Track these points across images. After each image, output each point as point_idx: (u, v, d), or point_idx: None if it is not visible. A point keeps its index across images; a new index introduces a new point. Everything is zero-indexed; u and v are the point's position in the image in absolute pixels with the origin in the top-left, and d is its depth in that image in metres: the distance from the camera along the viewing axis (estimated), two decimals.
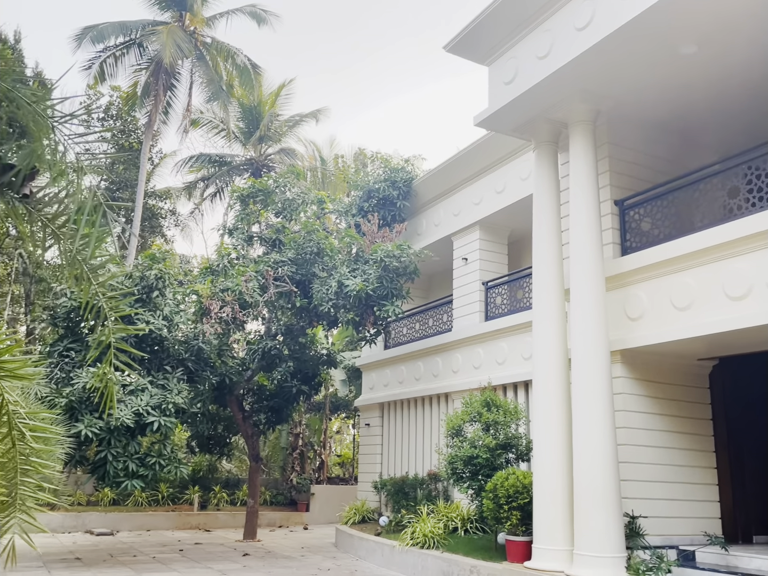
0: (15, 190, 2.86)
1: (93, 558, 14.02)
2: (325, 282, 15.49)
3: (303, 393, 18.60)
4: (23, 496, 3.14)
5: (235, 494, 22.83)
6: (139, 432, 13.78)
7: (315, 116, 30.54)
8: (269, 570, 12.75)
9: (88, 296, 3.21)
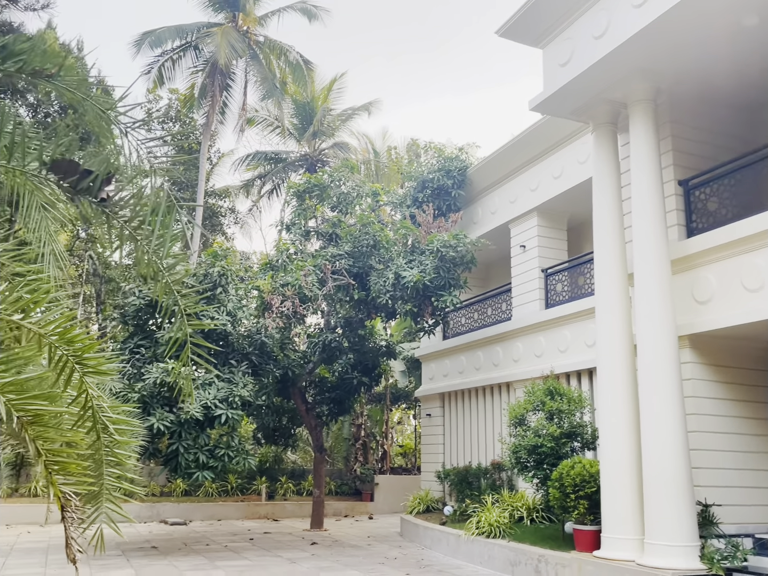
0: (93, 195, 2.98)
1: (168, 547, 14.51)
2: (382, 274, 15.55)
3: (363, 384, 18.76)
4: (109, 487, 3.28)
5: (300, 485, 23.22)
6: (207, 425, 14.16)
7: (367, 109, 30.59)
8: (337, 558, 12.93)
9: (163, 294, 3.32)
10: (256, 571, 11.56)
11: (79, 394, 3.35)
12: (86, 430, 3.30)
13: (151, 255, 3.14)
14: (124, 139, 3.12)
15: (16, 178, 3.16)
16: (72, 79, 3.08)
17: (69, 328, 3.26)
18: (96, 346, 3.34)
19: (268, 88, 27.47)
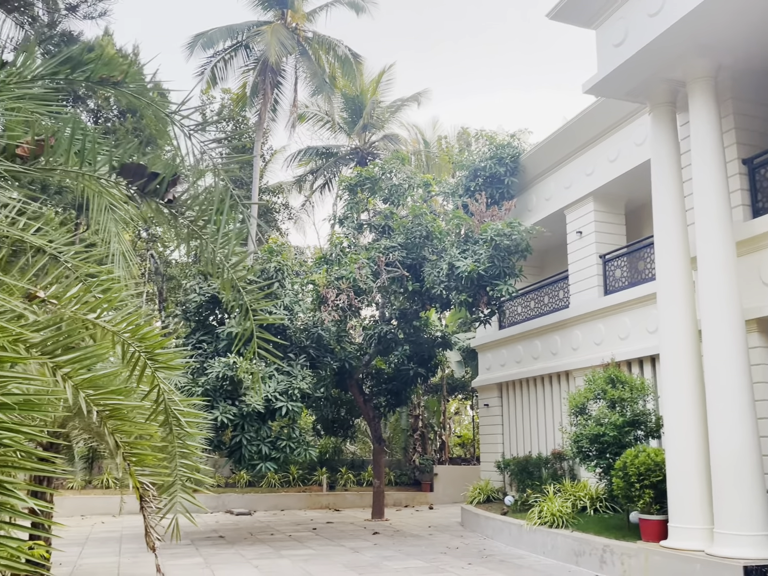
0: (160, 197, 3.08)
1: (235, 536, 14.90)
2: (436, 265, 15.53)
3: (420, 375, 18.80)
4: (182, 478, 3.40)
5: (360, 475, 23.46)
6: (269, 417, 14.46)
7: (416, 99, 30.48)
8: (399, 548, 13.04)
9: (228, 291, 3.41)
10: (320, 560, 11.76)
11: (151, 389, 3.49)
12: (159, 424, 3.43)
13: (216, 253, 3.24)
14: (187, 141, 3.22)
15: (85, 183, 3.30)
16: (136, 85, 3.20)
17: (140, 325, 3.39)
18: (166, 342, 3.46)
19: (317, 83, 27.67)
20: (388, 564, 11.34)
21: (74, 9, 12.14)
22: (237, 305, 3.49)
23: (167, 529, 3.26)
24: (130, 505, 14.03)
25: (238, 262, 3.41)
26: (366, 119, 29.37)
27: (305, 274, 18.09)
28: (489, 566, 11.10)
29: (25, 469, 2.11)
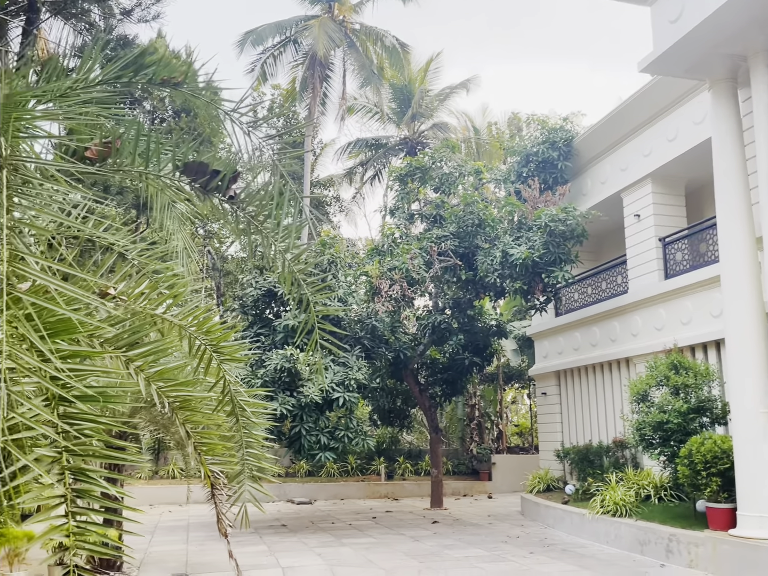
0: (222, 193, 3.17)
1: (296, 525, 15.19)
2: (489, 253, 15.41)
3: (475, 365, 18.72)
4: (250, 467, 3.51)
5: (418, 464, 23.55)
6: (326, 407, 14.66)
7: (465, 86, 30.22)
8: (459, 537, 13.07)
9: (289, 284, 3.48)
10: (381, 548, 11.88)
11: (217, 380, 3.60)
12: (226, 414, 3.54)
13: (276, 246, 3.31)
14: (246, 138, 3.30)
15: (149, 182, 3.41)
16: (194, 85, 3.29)
17: (205, 319, 3.50)
18: (230, 335, 3.56)
19: (366, 75, 27.72)
20: (449, 552, 11.38)
21: (129, 13, 12.50)
22: (296, 298, 3.56)
23: (236, 517, 3.36)
24: (196, 495, 14.48)
25: (298, 255, 3.47)
26: (415, 108, 29.28)
27: (358, 266, 18.20)
28: (551, 555, 11.02)
29: (103, 458, 2.22)
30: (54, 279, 1.74)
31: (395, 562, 10.65)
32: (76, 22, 12.51)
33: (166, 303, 3.44)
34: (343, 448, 14.81)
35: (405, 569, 10.10)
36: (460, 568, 10.12)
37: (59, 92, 2.90)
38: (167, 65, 3.09)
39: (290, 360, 14.24)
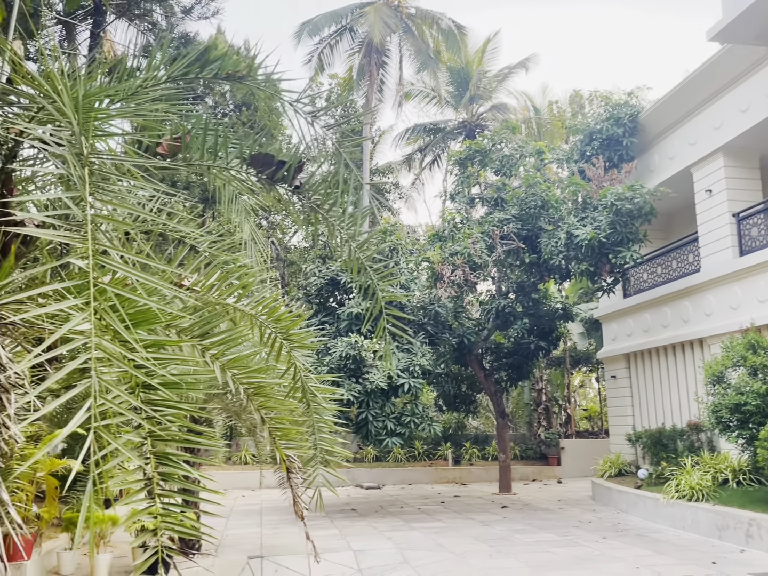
0: (288, 183, 3.22)
1: (366, 509, 15.39)
2: (553, 235, 15.13)
3: (541, 349, 18.47)
4: (322, 451, 3.57)
5: (485, 449, 23.46)
6: (392, 393, 14.76)
7: (524, 66, 29.64)
8: (529, 521, 12.98)
9: (356, 271, 3.52)
10: (451, 532, 11.92)
11: (288, 367, 3.67)
12: (297, 400, 3.61)
13: (342, 234, 3.34)
14: (309, 128, 3.33)
15: (217, 176, 3.49)
16: (257, 78, 3.34)
17: (275, 308, 3.58)
18: (300, 323, 3.63)
19: (422, 59, 27.53)
20: (519, 537, 11.32)
21: (189, 11, 12.77)
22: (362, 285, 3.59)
23: (311, 500, 3.43)
24: (267, 480, 14.83)
25: (364, 243, 3.50)
26: (473, 91, 28.91)
27: (419, 253, 18.17)
28: (625, 540, 10.82)
29: (184, 443, 2.30)
30: (135, 270, 1.81)
31: (465, 546, 10.67)
32: (140, 22, 12.87)
33: (237, 293, 3.53)
34: (409, 433, 14.90)
35: (476, 553, 10.11)
36: (532, 553, 10.05)
37: (130, 91, 3.00)
38: (231, 60, 3.15)
39: (355, 347, 14.38)
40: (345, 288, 16.99)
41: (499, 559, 9.72)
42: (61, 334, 2.38)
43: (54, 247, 3.06)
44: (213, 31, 17.98)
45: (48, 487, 8.90)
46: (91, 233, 1.66)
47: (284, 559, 9.98)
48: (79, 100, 1.99)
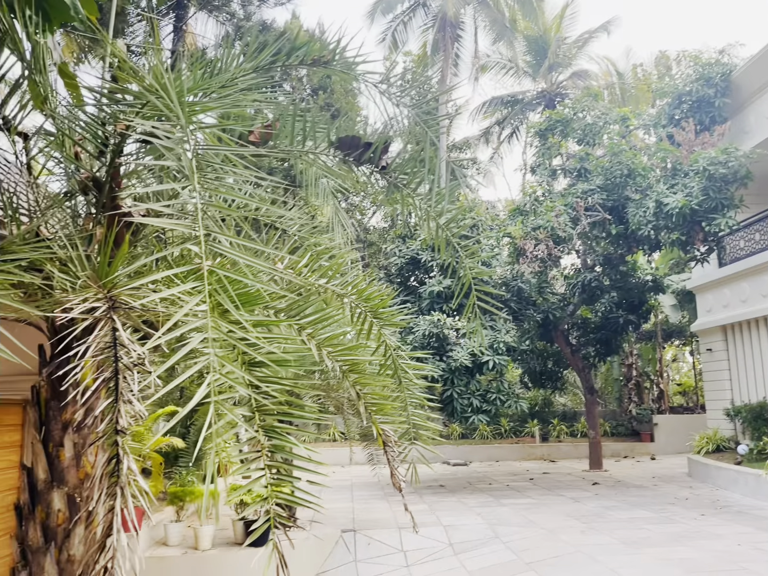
0: (375, 164, 3.28)
1: (454, 485, 15.53)
2: (641, 204, 14.60)
3: (631, 323, 17.97)
4: (416, 426, 3.66)
5: (573, 426, 23.12)
6: (476, 371, 14.75)
7: (605, 29, 28.51)
8: (622, 498, 12.75)
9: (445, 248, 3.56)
10: (541, 509, 11.88)
11: (379, 345, 3.77)
12: (389, 376, 3.71)
13: (430, 211, 3.39)
14: (392, 108, 3.38)
15: (305, 160, 3.60)
16: (342, 61, 3.40)
17: (364, 287, 3.67)
18: (388, 302, 3.71)
19: (498, 30, 26.96)
20: (612, 514, 11.16)
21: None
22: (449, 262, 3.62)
23: (405, 474, 3.53)
24: (357, 457, 15.20)
25: (451, 219, 3.53)
26: (551, 59, 28.09)
27: (500, 228, 17.96)
28: (724, 517, 10.48)
29: (290, 417, 2.42)
30: (240, 254, 1.92)
31: (556, 522, 10.61)
32: (218, 13, 13.21)
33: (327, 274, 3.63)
34: (495, 410, 14.87)
35: (567, 529, 10.05)
36: (626, 530, 9.90)
37: (221, 83, 3.12)
38: (316, 47, 3.23)
39: (437, 325, 14.44)
40: (425, 267, 17.02)
41: (592, 535, 9.63)
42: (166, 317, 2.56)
43: (158, 235, 3.25)
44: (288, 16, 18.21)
45: (154, 464, 9.46)
46: (201, 220, 1.77)
47: (376, 533, 10.24)
48: (183, 94, 2.11)
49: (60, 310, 2.16)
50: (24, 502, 2.87)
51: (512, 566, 8.45)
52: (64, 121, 2.93)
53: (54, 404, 2.92)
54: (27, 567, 2.84)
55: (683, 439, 18.58)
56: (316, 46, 3.26)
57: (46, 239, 2.46)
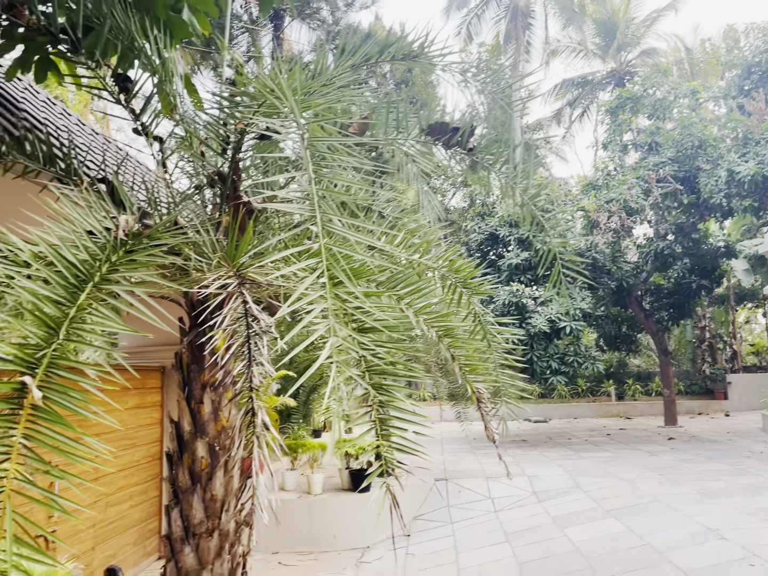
0: (463, 147, 3.26)
1: (536, 440, 15.36)
2: (712, 173, 13.75)
3: (703, 287, 17.06)
4: (505, 385, 3.65)
5: (648, 386, 22.30)
6: (554, 336, 14.45)
7: (673, 7, 26.77)
8: (697, 452, 12.24)
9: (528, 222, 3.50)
10: (619, 461, 11.58)
11: (468, 312, 3.77)
12: (478, 341, 3.71)
13: (516, 189, 3.34)
14: (475, 96, 3.34)
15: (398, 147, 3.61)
16: (428, 55, 3.38)
17: (454, 260, 3.67)
18: (475, 273, 3.69)
19: (567, 15, 25.82)
20: (688, 466, 10.73)
21: (351, 4, 13.01)
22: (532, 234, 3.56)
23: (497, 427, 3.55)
24: (446, 414, 15.30)
25: (534, 195, 3.47)
26: (620, 40, 26.67)
27: (573, 203, 17.37)
28: None
29: (395, 376, 2.48)
30: (351, 233, 1.96)
31: (634, 473, 10.32)
32: (311, 20, 13.32)
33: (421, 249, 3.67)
34: (573, 372, 14.56)
35: (644, 480, 9.76)
36: (702, 481, 9.50)
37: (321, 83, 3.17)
38: (406, 43, 3.23)
39: (516, 295, 14.23)
40: (504, 241, 16.74)
41: (669, 486, 9.31)
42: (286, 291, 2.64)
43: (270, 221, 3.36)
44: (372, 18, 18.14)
45: (270, 420, 9.88)
46: (317, 203, 1.82)
47: (465, 482, 10.31)
48: (297, 92, 2.17)
49: (199, 286, 2.28)
50: (174, 451, 3.06)
51: (593, 513, 8.30)
52: (190, 124, 3.07)
53: (194, 368, 3.09)
54: (178, 504, 3.03)
55: (757, 396, 17.59)
56: (405, 44, 3.25)
57: (182, 227, 2.59)
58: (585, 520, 8.06)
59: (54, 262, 1.88)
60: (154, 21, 3.49)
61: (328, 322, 1.71)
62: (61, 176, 3.12)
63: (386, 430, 2.26)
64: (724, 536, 6.60)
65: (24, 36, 3.52)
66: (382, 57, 3.19)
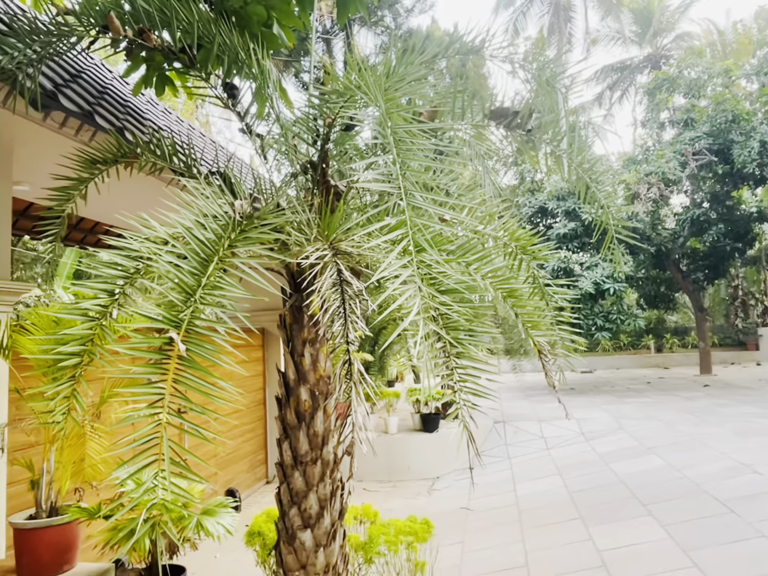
0: (522, 128, 3.12)
1: (582, 388, 14.98)
2: (745, 145, 12.73)
3: (737, 250, 15.97)
4: (562, 339, 3.54)
5: (684, 339, 21.26)
6: (599, 297, 13.95)
7: None
8: (731, 397, 11.61)
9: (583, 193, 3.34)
10: (658, 406, 11.15)
11: (528, 275, 3.65)
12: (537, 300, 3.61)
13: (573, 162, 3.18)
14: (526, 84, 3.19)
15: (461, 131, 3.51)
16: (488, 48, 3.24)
17: (514, 230, 3.56)
18: (534, 241, 3.57)
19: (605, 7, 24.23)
20: (723, 410, 10.20)
21: (411, 10, 12.67)
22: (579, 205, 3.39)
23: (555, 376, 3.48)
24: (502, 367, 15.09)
25: (591, 167, 3.30)
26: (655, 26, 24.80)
27: (615, 177, 16.50)
28: None
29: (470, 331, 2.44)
30: (430, 205, 1.92)
31: (672, 416, 9.91)
32: (376, 27, 13.07)
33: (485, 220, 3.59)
34: (616, 328, 14.04)
35: (682, 422, 9.36)
36: (735, 423, 9.02)
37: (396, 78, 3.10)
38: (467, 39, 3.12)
39: (564, 261, 13.78)
40: (552, 213, 16.17)
41: (705, 426, 8.89)
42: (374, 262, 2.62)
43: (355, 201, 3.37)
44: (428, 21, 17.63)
45: None
46: (402, 181, 1.79)
47: (521, 424, 10.21)
48: (382, 88, 2.13)
49: (300, 257, 2.31)
50: (282, 395, 3.15)
51: (635, 450, 8.05)
52: (285, 121, 3.08)
53: (295, 327, 3.15)
54: (287, 438, 3.13)
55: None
56: (467, 39, 3.12)
57: (283, 209, 2.62)
58: (628, 456, 7.83)
59: (189, 241, 1.94)
60: (251, 36, 3.50)
61: (415, 285, 1.69)
62: (183, 171, 3.22)
63: (462, 378, 2.25)
64: (757, 470, 6.25)
65: (146, 57, 3.62)
66: (449, 51, 3.09)
